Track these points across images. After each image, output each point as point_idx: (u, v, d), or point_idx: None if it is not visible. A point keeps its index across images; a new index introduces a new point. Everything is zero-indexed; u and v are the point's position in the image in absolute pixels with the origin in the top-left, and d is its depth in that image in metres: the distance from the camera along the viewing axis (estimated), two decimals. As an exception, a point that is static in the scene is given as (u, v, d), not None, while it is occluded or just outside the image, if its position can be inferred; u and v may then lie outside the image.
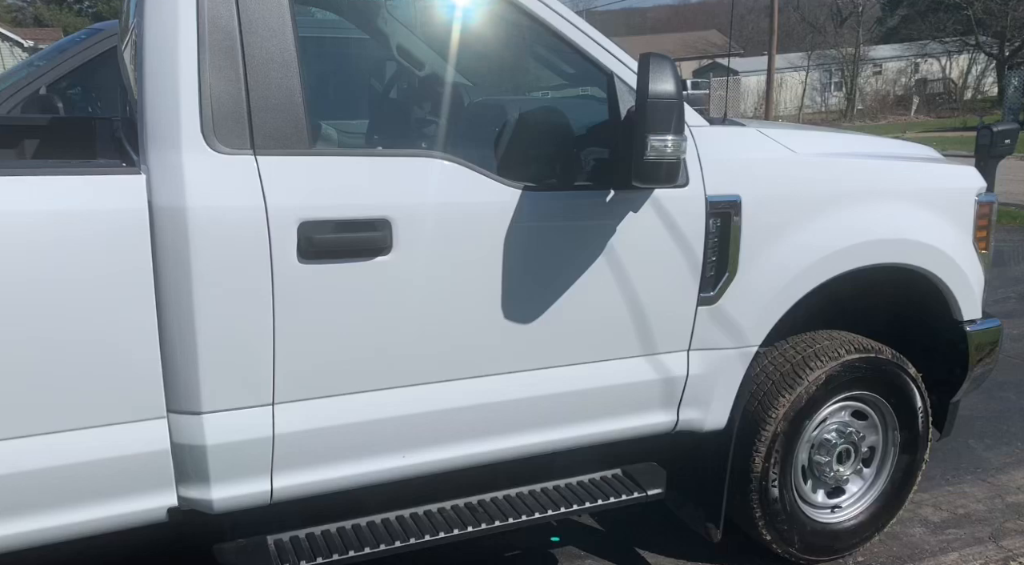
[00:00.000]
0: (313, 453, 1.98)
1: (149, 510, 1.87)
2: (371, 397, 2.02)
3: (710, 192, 2.27)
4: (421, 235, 1.97)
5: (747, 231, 2.34)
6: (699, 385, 2.41)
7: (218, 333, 1.80)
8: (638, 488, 2.42)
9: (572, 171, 2.25)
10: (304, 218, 1.85)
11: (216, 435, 1.86)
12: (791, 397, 2.53)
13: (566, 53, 2.33)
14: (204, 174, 1.77)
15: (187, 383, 1.82)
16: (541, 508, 2.29)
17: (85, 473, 1.78)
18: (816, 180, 2.50)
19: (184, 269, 1.75)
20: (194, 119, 1.78)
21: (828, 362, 2.58)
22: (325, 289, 1.90)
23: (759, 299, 2.41)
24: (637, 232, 2.19)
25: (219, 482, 1.89)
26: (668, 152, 1.95)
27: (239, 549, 2.02)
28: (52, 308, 1.68)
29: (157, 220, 1.73)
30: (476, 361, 2.12)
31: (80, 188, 1.71)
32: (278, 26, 1.85)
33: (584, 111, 2.37)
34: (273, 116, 1.85)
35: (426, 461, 2.12)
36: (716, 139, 2.36)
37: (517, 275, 2.09)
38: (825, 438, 2.70)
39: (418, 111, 3.06)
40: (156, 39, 1.79)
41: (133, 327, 1.75)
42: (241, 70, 1.82)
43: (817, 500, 2.77)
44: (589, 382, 2.26)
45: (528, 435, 2.23)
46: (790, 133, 2.61)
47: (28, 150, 2.97)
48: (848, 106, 35.25)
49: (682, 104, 1.99)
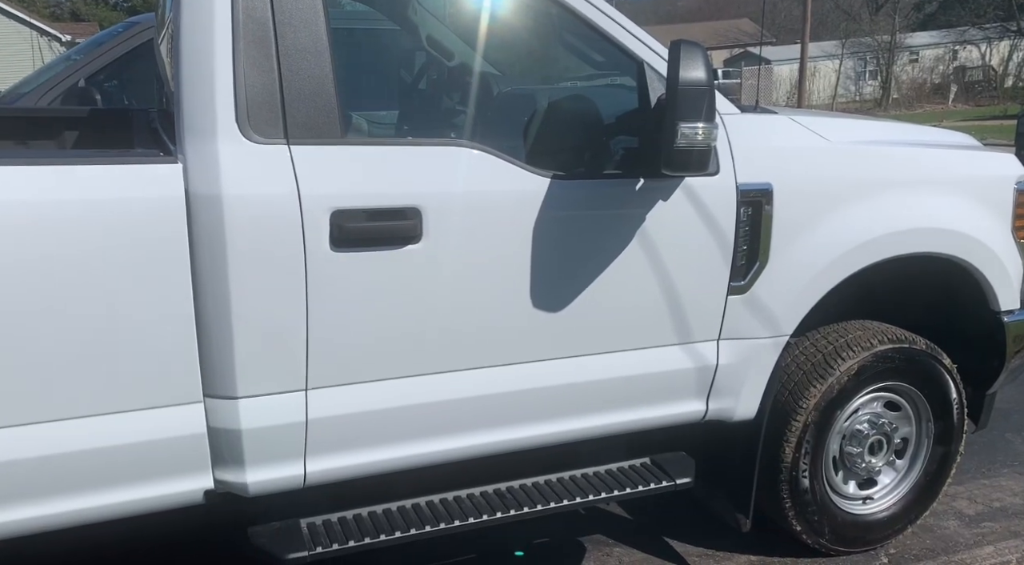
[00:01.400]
0: (345, 438, 2.01)
1: (187, 492, 1.91)
2: (402, 384, 2.05)
3: (741, 180, 2.26)
4: (451, 223, 1.99)
5: (779, 220, 2.32)
6: (729, 374, 2.40)
7: (253, 319, 1.83)
8: (667, 477, 2.42)
9: (601, 159, 2.25)
10: (336, 207, 1.87)
11: (251, 419, 1.89)
12: (822, 387, 2.51)
13: (595, 41, 2.32)
14: (239, 163, 1.80)
15: (223, 368, 1.85)
16: (570, 495, 2.30)
17: (127, 455, 1.83)
18: (850, 168, 2.47)
19: (220, 256, 1.78)
20: (229, 109, 1.81)
21: (860, 352, 2.55)
22: (356, 277, 1.92)
23: (790, 288, 2.39)
24: (667, 221, 2.19)
25: (254, 466, 1.93)
26: (699, 140, 1.94)
27: (273, 532, 2.06)
28: (93, 294, 1.73)
29: (194, 208, 1.77)
30: (505, 349, 2.13)
31: (120, 177, 1.74)
32: (311, 17, 1.88)
33: (613, 99, 2.36)
34: (306, 106, 1.87)
35: (455, 447, 2.14)
36: (747, 127, 2.34)
37: (546, 263, 2.10)
38: (857, 429, 2.68)
39: (447, 101, 3.08)
40: (192, 31, 1.82)
41: (171, 313, 1.79)
42: (275, 61, 1.84)
43: (848, 491, 2.74)
44: (618, 371, 2.27)
45: (556, 423, 2.24)
46: (823, 121, 2.58)
47: (68, 141, 3.04)
48: (883, 94, 34.60)
49: (713, 91, 1.98)
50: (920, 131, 3.07)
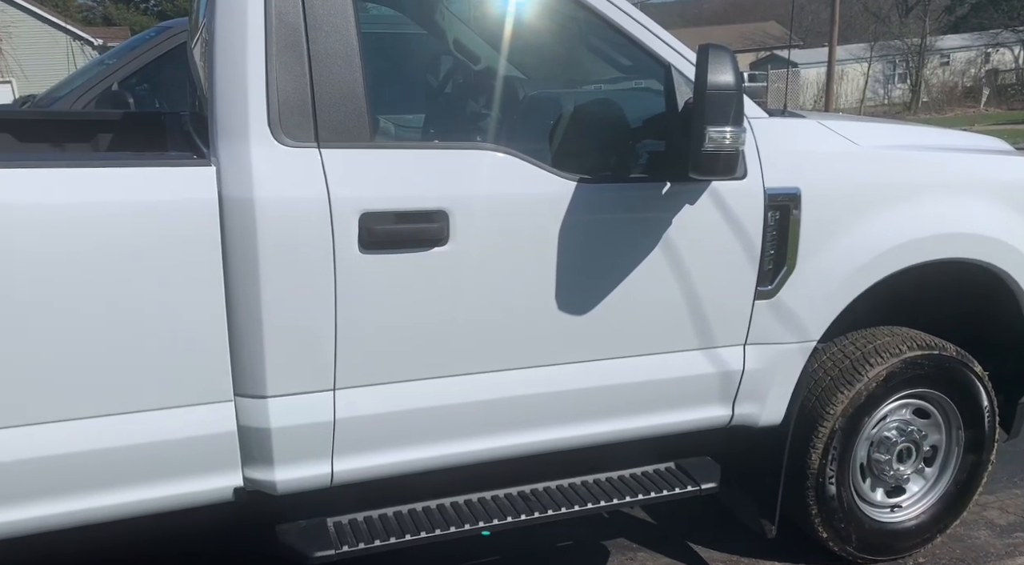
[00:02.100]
0: (372, 438, 2.03)
1: (217, 489, 1.94)
2: (427, 385, 2.06)
3: (769, 184, 2.25)
4: (477, 226, 2.00)
5: (807, 224, 2.30)
6: (755, 380, 2.39)
7: (283, 320, 1.86)
8: (692, 482, 2.41)
9: (627, 163, 2.25)
10: (365, 209, 1.89)
11: (280, 418, 1.92)
12: (850, 393, 2.48)
13: (622, 46, 2.32)
14: (271, 166, 1.83)
15: (253, 368, 1.88)
16: (594, 499, 2.30)
17: (161, 452, 1.87)
18: (879, 173, 2.45)
19: (251, 257, 1.81)
20: (262, 113, 1.84)
21: (889, 358, 2.52)
22: (384, 278, 1.94)
23: (818, 293, 2.38)
24: (694, 224, 2.18)
25: (282, 464, 1.96)
26: (726, 143, 1.94)
27: (300, 530, 2.09)
28: (127, 294, 1.76)
29: (226, 210, 1.80)
30: (531, 351, 2.14)
31: (155, 179, 1.78)
32: (342, 22, 1.90)
33: (639, 103, 2.36)
34: (336, 110, 1.90)
35: (480, 449, 2.15)
36: (775, 131, 2.33)
37: (572, 266, 2.10)
38: (885, 436, 2.65)
39: (473, 105, 3.09)
40: (225, 36, 1.85)
41: (203, 313, 1.82)
42: (306, 65, 1.87)
43: (876, 499, 2.71)
44: (644, 375, 2.26)
45: (581, 426, 2.24)
46: (852, 125, 2.56)
47: (102, 143, 3.10)
48: (913, 98, 34.13)
49: (741, 95, 1.98)
50: (950, 135, 3.03)
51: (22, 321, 1.70)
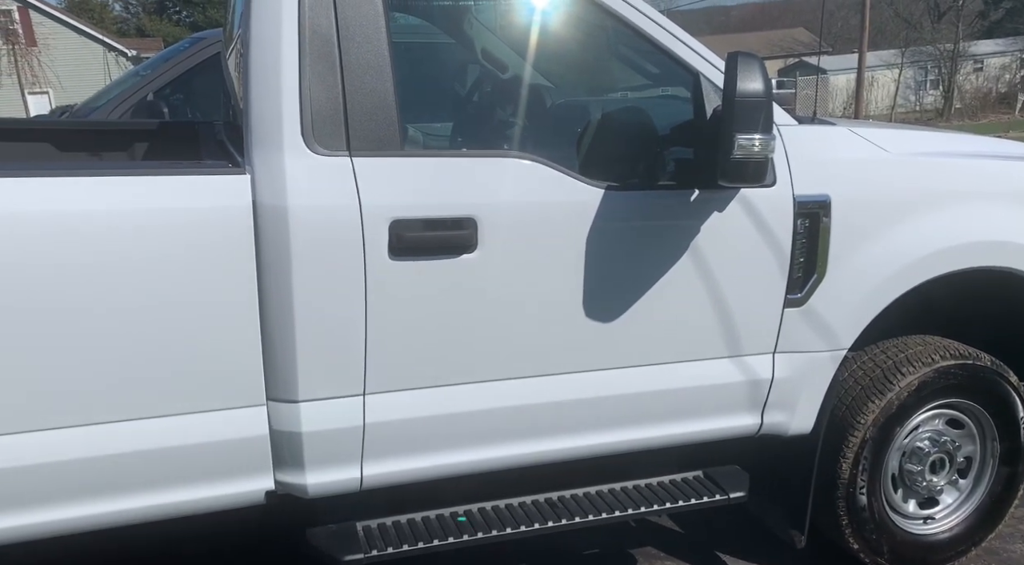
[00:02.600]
0: (400, 443, 2.05)
1: (249, 492, 1.97)
2: (455, 391, 2.08)
3: (798, 192, 2.24)
4: (505, 233, 2.02)
5: (837, 232, 2.29)
6: (785, 388, 2.37)
7: (314, 325, 1.89)
8: (720, 490, 2.40)
9: (655, 171, 2.25)
10: (395, 216, 1.92)
11: (311, 423, 1.95)
12: (881, 403, 2.46)
13: (650, 53, 2.33)
14: (304, 174, 1.87)
15: (285, 372, 1.91)
16: (621, 507, 2.29)
17: (195, 455, 1.90)
18: (911, 180, 2.43)
19: (284, 264, 1.84)
20: (295, 122, 1.87)
21: (921, 368, 2.49)
22: (413, 285, 1.97)
23: (849, 301, 2.36)
24: (722, 232, 2.18)
25: (313, 468, 1.98)
26: (755, 151, 1.93)
27: (330, 534, 2.11)
28: (163, 300, 1.80)
29: (260, 217, 1.84)
30: (559, 358, 2.15)
31: (191, 187, 1.82)
32: (373, 33, 1.93)
33: (666, 110, 2.36)
34: (368, 119, 1.93)
35: (508, 455, 2.16)
36: (805, 138, 2.32)
37: (600, 274, 2.11)
38: (917, 446, 2.61)
39: (501, 113, 3.12)
40: (260, 47, 1.89)
41: (237, 318, 1.86)
42: (339, 75, 1.90)
43: (908, 510, 2.68)
44: (672, 382, 2.26)
45: (608, 433, 2.24)
46: (883, 132, 2.54)
47: (138, 152, 3.17)
48: (945, 104, 33.62)
49: (771, 103, 1.97)
50: (984, 142, 2.99)
51: (64, 326, 1.74)
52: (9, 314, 1.70)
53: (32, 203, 1.71)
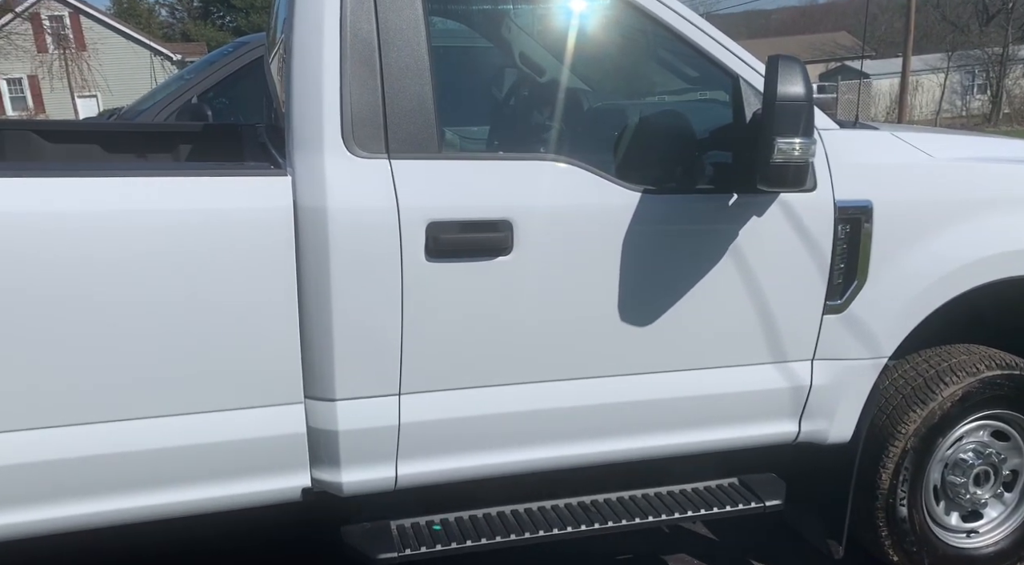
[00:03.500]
0: (435, 443, 2.06)
1: (287, 489, 2.01)
2: (490, 392, 2.09)
3: (839, 196, 2.21)
4: (541, 236, 2.02)
5: (879, 238, 2.25)
6: (823, 396, 2.34)
7: (352, 325, 1.91)
8: (756, 498, 2.37)
9: (693, 174, 2.24)
10: (432, 218, 1.93)
11: (347, 421, 1.97)
12: (923, 412, 2.41)
13: (689, 57, 2.32)
14: (343, 176, 1.89)
15: (323, 371, 1.94)
16: (655, 512, 2.28)
17: (235, 451, 1.94)
18: (955, 186, 2.38)
19: (323, 264, 1.87)
20: (336, 125, 1.90)
21: (965, 378, 2.44)
22: (449, 286, 1.98)
23: (890, 309, 2.32)
24: (761, 237, 2.16)
25: (348, 466, 2.00)
26: (796, 155, 1.91)
27: (365, 532, 2.13)
28: (206, 298, 1.84)
29: (301, 218, 1.87)
30: (594, 362, 2.14)
31: (234, 188, 1.86)
32: (413, 37, 1.95)
33: (704, 114, 2.35)
34: (406, 122, 1.95)
35: (542, 457, 2.16)
36: (846, 142, 2.29)
37: (636, 277, 2.10)
38: (960, 458, 2.56)
39: (538, 116, 3.12)
40: (303, 51, 1.92)
41: (277, 317, 1.89)
42: (379, 79, 1.93)
43: (951, 523, 2.62)
44: (708, 388, 2.24)
45: (643, 438, 2.23)
46: (927, 137, 2.49)
47: (182, 154, 3.24)
48: (993, 109, 32.78)
49: (812, 107, 1.95)
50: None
51: (111, 322, 1.79)
52: (63, 310, 1.75)
53: (83, 202, 1.76)
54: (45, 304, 1.74)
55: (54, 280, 1.74)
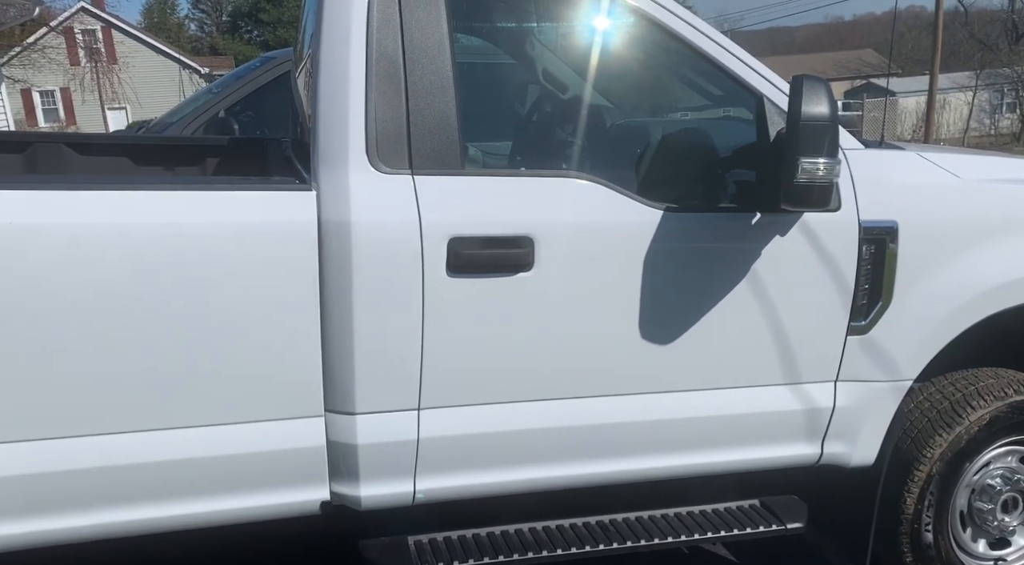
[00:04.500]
0: (453, 459, 2.06)
1: (306, 502, 2.01)
2: (509, 408, 2.08)
3: (864, 217, 2.19)
4: (562, 253, 2.02)
5: (904, 259, 2.23)
6: (846, 418, 2.31)
7: (373, 339, 1.92)
8: (777, 520, 2.34)
9: (715, 193, 2.23)
10: (454, 234, 1.94)
11: (367, 435, 1.98)
12: (949, 437, 2.37)
13: (713, 75, 2.31)
14: (367, 192, 1.91)
15: (343, 384, 1.95)
16: (675, 533, 2.26)
17: (256, 463, 1.95)
18: (983, 207, 2.35)
19: (346, 278, 1.88)
20: (360, 141, 1.92)
21: (993, 402, 2.39)
22: (470, 302, 1.98)
23: (915, 331, 2.29)
24: (784, 256, 2.14)
25: (367, 480, 2.01)
26: (820, 175, 1.90)
27: (382, 547, 2.13)
28: (230, 310, 1.86)
29: (324, 232, 1.88)
30: (614, 380, 2.13)
31: (260, 202, 1.88)
32: (438, 54, 1.97)
33: (727, 132, 2.34)
34: (430, 138, 1.97)
35: (560, 475, 2.15)
36: (872, 162, 2.27)
37: (657, 295, 2.09)
38: (988, 484, 2.51)
39: (561, 133, 3.13)
40: (329, 68, 1.94)
41: (300, 330, 1.90)
42: (403, 96, 1.95)
43: (978, 550, 2.56)
44: (728, 408, 2.22)
45: (663, 458, 2.21)
46: (955, 157, 2.47)
47: (209, 167, 3.28)
48: (1022, 129, 32.37)
49: (836, 127, 1.94)
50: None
51: (136, 333, 1.81)
52: (88, 320, 1.78)
53: (112, 214, 1.79)
54: (71, 313, 1.76)
55: (82, 290, 1.76)
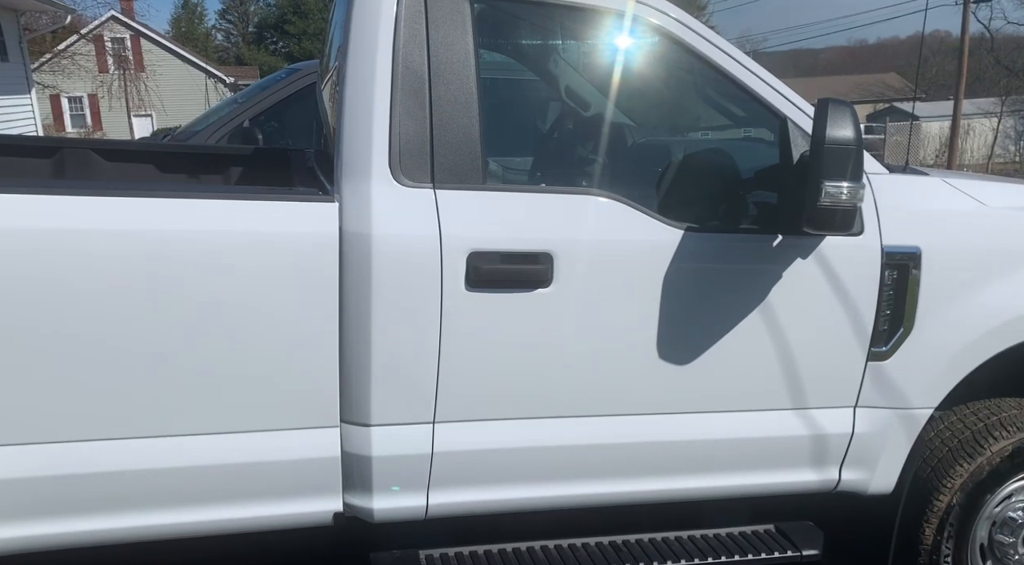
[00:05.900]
0: (466, 473, 2.05)
1: (319, 512, 2.01)
2: (523, 425, 2.08)
3: (887, 242, 2.17)
4: (581, 269, 2.02)
5: (927, 285, 2.20)
6: (865, 445, 2.27)
7: (390, 350, 1.93)
8: (792, 546, 2.31)
9: (737, 214, 2.22)
10: (473, 248, 1.95)
11: (381, 447, 1.97)
12: (970, 467, 2.33)
13: (737, 96, 2.31)
14: (389, 205, 1.92)
15: (360, 395, 1.95)
16: (688, 556, 2.23)
17: (271, 472, 1.95)
18: (1008, 235, 2.32)
19: (365, 290, 1.89)
20: (384, 155, 1.94)
21: (1016, 433, 2.35)
22: (487, 316, 1.98)
23: (937, 359, 2.26)
24: (805, 279, 2.13)
25: (380, 493, 2.00)
26: (843, 199, 1.89)
27: (393, 559, 2.12)
28: (250, 319, 1.87)
29: (346, 244, 1.89)
30: (631, 399, 2.12)
31: (283, 212, 1.90)
32: (463, 70, 1.99)
33: (749, 153, 2.34)
34: (453, 153, 1.98)
35: (573, 494, 2.14)
36: (896, 187, 2.26)
37: (676, 316, 2.08)
38: (1010, 516, 2.46)
39: (582, 150, 3.14)
40: (355, 81, 1.96)
41: (319, 340, 1.91)
42: (427, 111, 1.96)
43: (997, 584, 2.51)
44: (745, 431, 2.20)
45: (679, 479, 2.19)
46: (979, 184, 2.44)
47: (233, 176, 3.31)
48: (1048, 156, 32.00)
49: (861, 151, 1.93)
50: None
51: (156, 339, 1.83)
52: (112, 327, 1.79)
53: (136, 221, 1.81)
54: (90, 320, 1.78)
55: (104, 295, 1.78)
